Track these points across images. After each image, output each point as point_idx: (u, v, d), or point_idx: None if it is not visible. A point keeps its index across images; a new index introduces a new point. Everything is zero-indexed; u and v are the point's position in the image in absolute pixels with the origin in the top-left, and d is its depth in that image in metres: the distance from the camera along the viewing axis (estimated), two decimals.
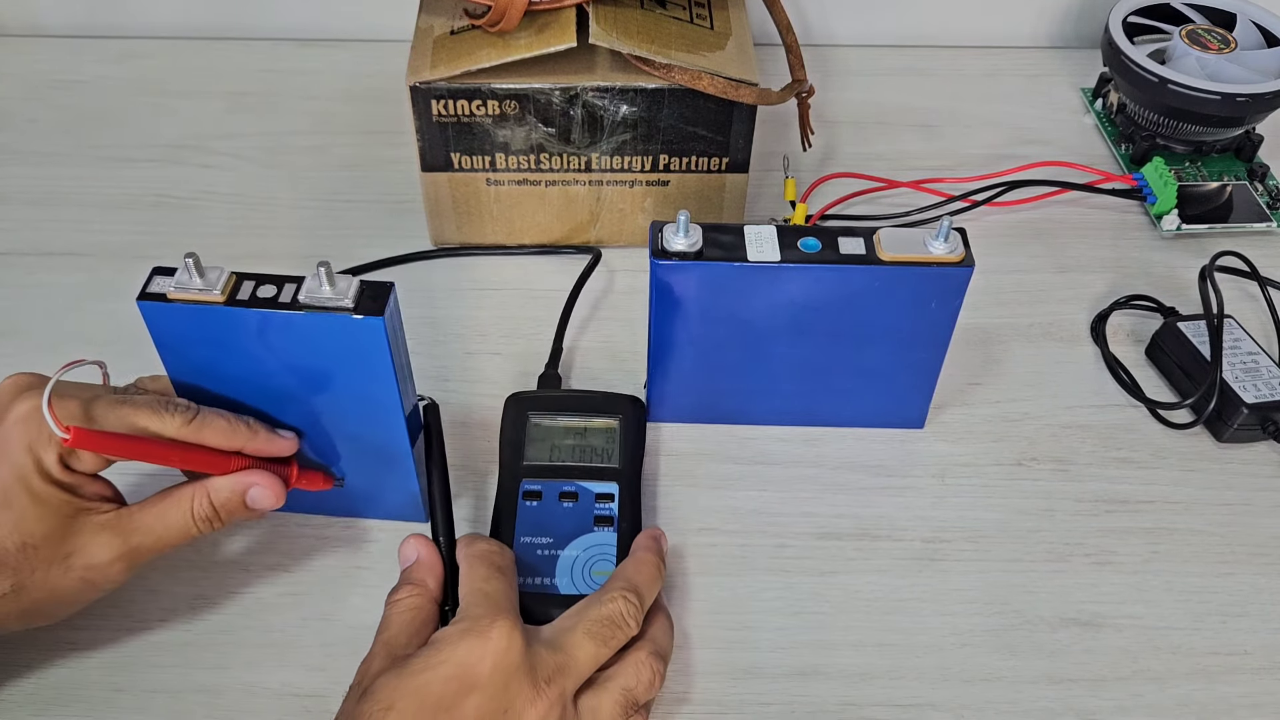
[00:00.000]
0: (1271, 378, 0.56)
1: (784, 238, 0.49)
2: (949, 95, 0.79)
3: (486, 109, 0.58)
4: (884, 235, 0.49)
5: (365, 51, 0.81)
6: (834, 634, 0.49)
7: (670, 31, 0.59)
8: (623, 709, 0.42)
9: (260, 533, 0.51)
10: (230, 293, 0.42)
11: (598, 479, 0.51)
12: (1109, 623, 0.49)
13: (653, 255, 0.49)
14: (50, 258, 0.65)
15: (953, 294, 0.49)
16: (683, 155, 0.61)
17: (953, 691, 0.47)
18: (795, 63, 0.64)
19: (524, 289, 0.63)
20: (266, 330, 0.43)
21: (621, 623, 0.42)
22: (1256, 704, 0.47)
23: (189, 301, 0.42)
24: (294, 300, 0.42)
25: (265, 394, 0.45)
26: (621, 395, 0.55)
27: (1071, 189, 0.70)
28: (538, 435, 0.53)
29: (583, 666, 0.41)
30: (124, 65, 0.80)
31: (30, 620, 0.43)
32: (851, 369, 0.53)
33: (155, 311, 0.43)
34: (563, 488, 0.51)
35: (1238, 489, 0.55)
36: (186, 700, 0.46)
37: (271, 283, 0.43)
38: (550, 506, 0.50)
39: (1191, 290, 0.62)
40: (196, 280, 0.42)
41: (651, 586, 0.45)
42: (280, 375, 0.44)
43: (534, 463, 0.52)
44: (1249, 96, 0.66)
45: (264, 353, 0.43)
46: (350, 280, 0.42)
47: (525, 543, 0.49)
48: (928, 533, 0.52)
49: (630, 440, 0.53)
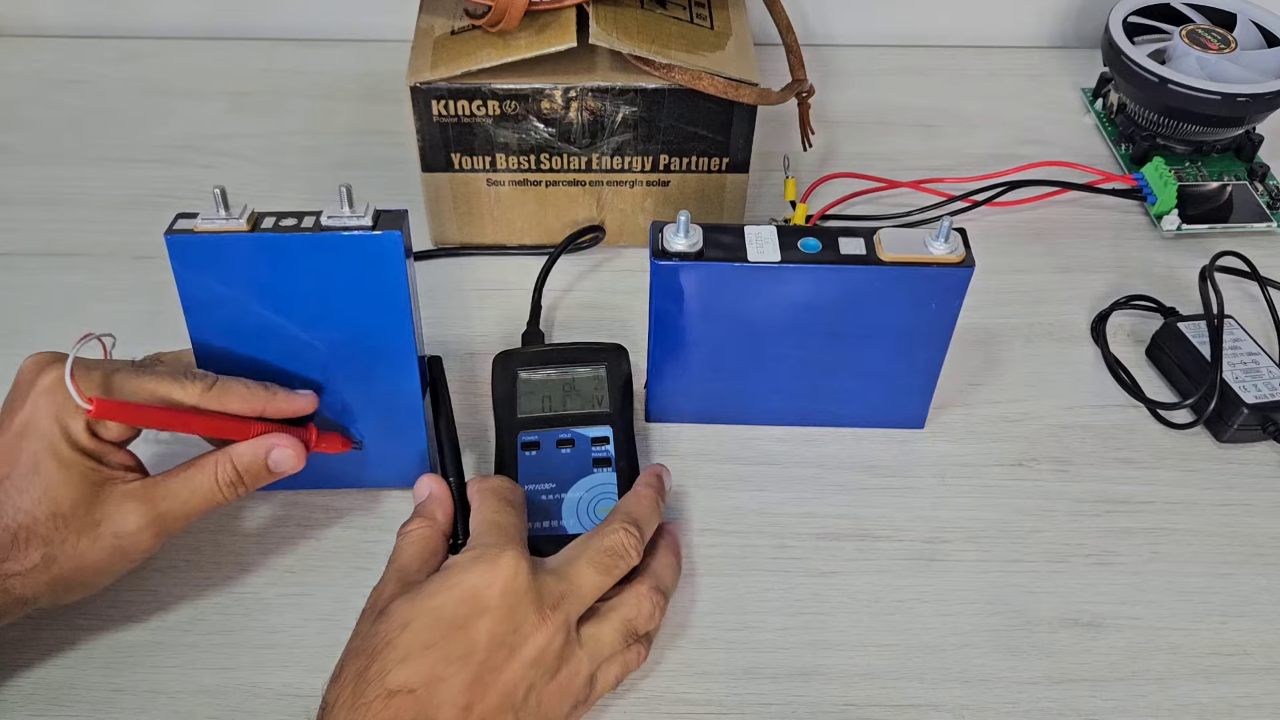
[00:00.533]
0: (1272, 378, 0.56)
1: (784, 238, 0.49)
2: (949, 95, 0.79)
3: (487, 109, 0.58)
4: (884, 235, 0.49)
5: (365, 51, 0.81)
6: (834, 634, 0.49)
7: (670, 31, 0.59)
8: (623, 637, 0.44)
9: (261, 533, 0.52)
10: (254, 223, 0.45)
11: (592, 424, 0.53)
12: (1109, 623, 0.49)
13: (653, 255, 0.49)
14: (51, 258, 0.65)
15: (953, 294, 0.49)
16: (683, 155, 0.61)
17: (953, 692, 0.47)
18: (795, 63, 0.64)
19: (525, 289, 0.63)
20: (288, 255, 0.45)
21: (623, 553, 0.44)
22: (1257, 704, 0.47)
23: (215, 232, 0.44)
24: (317, 224, 0.45)
25: (284, 332, 0.47)
26: (605, 344, 0.57)
27: (1072, 189, 0.70)
28: (529, 389, 0.55)
29: (586, 594, 0.43)
30: (124, 65, 0.80)
31: (60, 594, 0.43)
32: (852, 369, 0.53)
33: (182, 246, 0.44)
34: (559, 435, 0.52)
35: (1238, 489, 0.55)
36: (188, 701, 0.46)
37: (292, 215, 0.45)
38: (549, 454, 0.52)
39: (1192, 290, 0.63)
40: (222, 213, 0.44)
41: (651, 519, 0.47)
42: (299, 309, 0.46)
43: (529, 415, 0.53)
44: (1249, 96, 0.66)
45: (284, 284, 0.45)
46: (367, 204, 0.45)
47: (529, 490, 0.50)
48: (928, 533, 0.52)
49: (618, 385, 0.55)
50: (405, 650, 0.39)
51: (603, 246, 0.66)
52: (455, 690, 0.39)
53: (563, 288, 0.63)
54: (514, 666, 0.40)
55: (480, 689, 0.39)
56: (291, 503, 0.53)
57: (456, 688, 0.39)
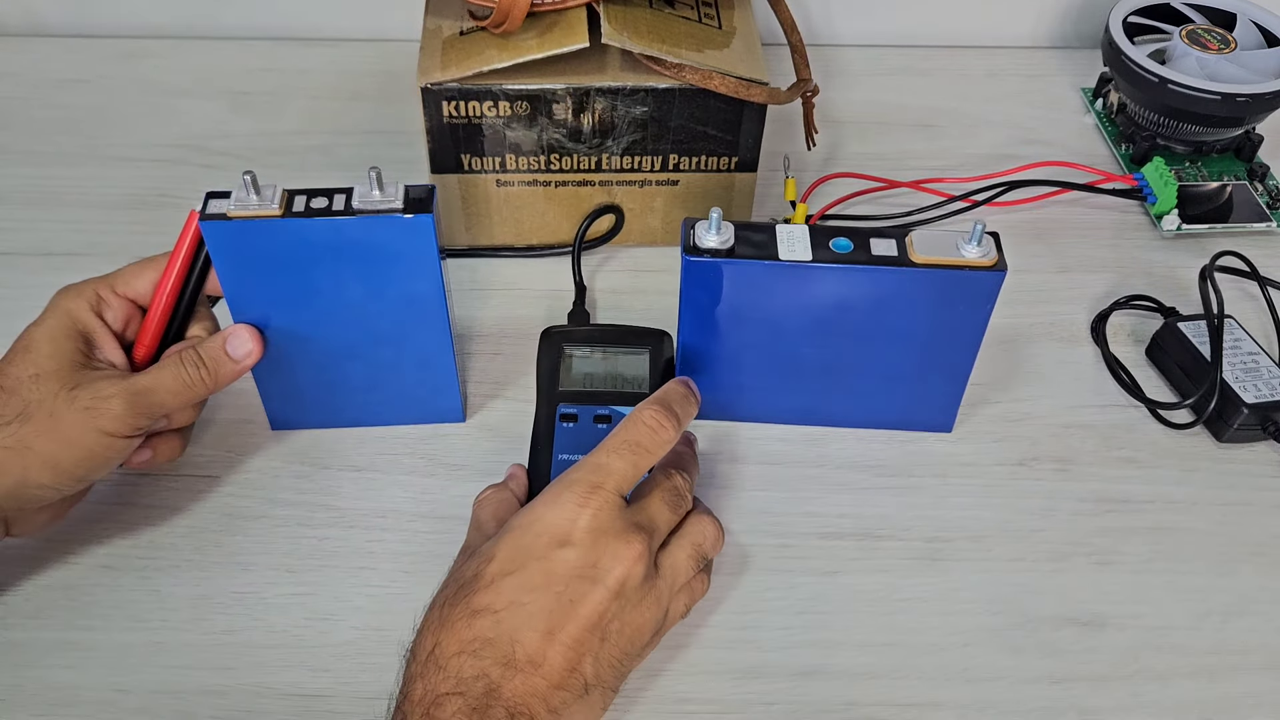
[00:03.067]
0: (1271, 378, 0.56)
1: (815, 237, 0.49)
2: (949, 95, 0.79)
3: (498, 110, 0.58)
4: (917, 237, 0.49)
5: (366, 51, 0.81)
6: (837, 634, 0.49)
7: (680, 31, 0.59)
8: (695, 562, 0.45)
9: (262, 533, 0.52)
10: (286, 206, 0.46)
11: (630, 404, 0.52)
12: (1110, 622, 0.49)
13: (685, 252, 0.49)
14: (51, 258, 0.65)
15: (984, 298, 0.49)
16: (692, 155, 0.61)
17: (955, 691, 0.47)
18: (800, 62, 0.64)
19: (529, 289, 0.63)
20: (323, 238, 0.46)
21: (683, 491, 0.47)
22: (1258, 703, 0.47)
23: (248, 218, 0.45)
24: (347, 206, 0.46)
25: (321, 304, 0.49)
26: (651, 329, 0.58)
27: (1072, 189, 0.70)
28: (572, 365, 0.57)
29: (661, 528, 0.45)
30: (124, 65, 0.80)
31: (29, 471, 0.44)
32: (879, 371, 0.53)
33: (217, 231, 0.46)
34: (597, 411, 0.54)
35: (1238, 489, 0.55)
36: (191, 701, 0.46)
37: (322, 195, 0.46)
38: (585, 427, 0.53)
39: (1191, 290, 0.63)
40: (253, 197, 0.45)
41: (693, 464, 0.50)
42: (335, 283, 0.48)
43: (570, 389, 0.55)
44: (1249, 96, 0.66)
45: (320, 262, 0.47)
46: (396, 184, 0.46)
47: (563, 459, 0.52)
48: (930, 532, 0.53)
49: (660, 369, 0.56)
50: (490, 578, 0.41)
51: (610, 245, 0.66)
52: (535, 616, 0.40)
53: (570, 287, 0.63)
54: (596, 597, 0.41)
55: (561, 617, 0.40)
56: (292, 503, 0.53)
57: (536, 614, 0.40)
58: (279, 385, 0.53)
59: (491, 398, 0.58)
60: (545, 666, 0.39)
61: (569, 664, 0.40)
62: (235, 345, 0.48)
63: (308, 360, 0.52)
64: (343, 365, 0.52)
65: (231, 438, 0.55)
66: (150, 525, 0.52)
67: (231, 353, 0.48)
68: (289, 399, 0.54)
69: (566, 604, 0.41)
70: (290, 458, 0.55)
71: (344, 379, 0.53)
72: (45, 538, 0.50)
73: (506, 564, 0.41)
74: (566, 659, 0.40)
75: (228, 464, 0.54)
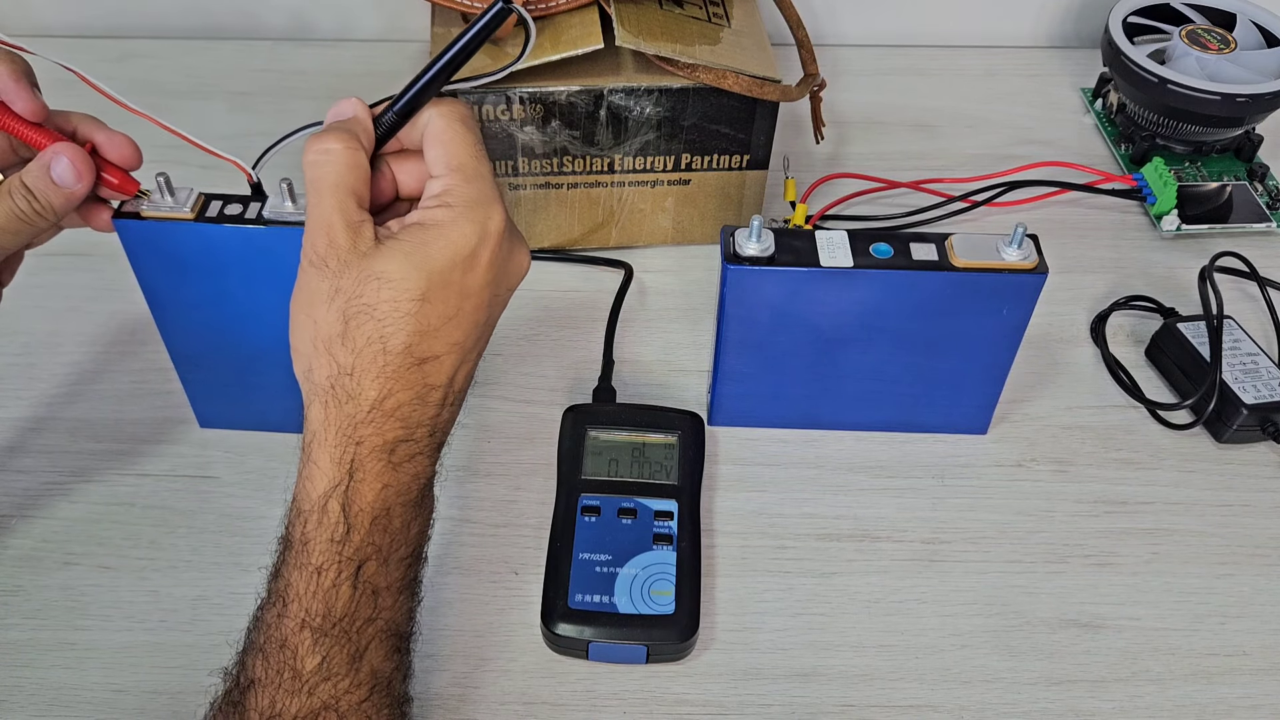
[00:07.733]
0: (1271, 378, 0.56)
1: (855, 243, 0.49)
2: (949, 95, 0.79)
3: (511, 113, 0.58)
4: (957, 241, 0.49)
5: (366, 51, 0.81)
6: (834, 635, 0.49)
7: (692, 31, 0.59)
8: None
9: (261, 534, 0.52)
10: (199, 210, 0.45)
11: (657, 496, 0.51)
12: (1109, 624, 0.49)
13: (726, 260, 0.48)
14: (50, 258, 0.65)
15: (1025, 301, 0.49)
16: (705, 154, 0.62)
17: (952, 693, 0.47)
18: (807, 58, 0.64)
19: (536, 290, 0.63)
20: (234, 245, 0.46)
21: None
22: (1255, 705, 0.47)
23: (161, 219, 0.45)
24: (259, 216, 0.45)
25: (235, 308, 0.48)
26: (681, 411, 0.55)
27: (1071, 189, 0.70)
28: (596, 449, 0.53)
29: None
30: (124, 65, 0.80)
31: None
32: (917, 375, 0.53)
33: (129, 229, 0.46)
34: (622, 504, 0.50)
35: (1238, 489, 0.55)
36: (188, 702, 0.45)
37: (238, 202, 0.46)
38: (609, 522, 0.50)
39: (1191, 291, 0.63)
40: (168, 199, 0.45)
41: None
42: (248, 289, 0.47)
43: (592, 477, 0.52)
44: (1249, 96, 0.66)
45: (232, 267, 0.47)
46: None
47: (584, 559, 0.49)
48: (927, 534, 0.53)
49: (690, 457, 0.53)
50: (427, 323, 0.40)
51: (623, 247, 0.66)
52: (470, 343, 0.42)
53: (577, 287, 0.63)
54: (501, 301, 0.44)
55: (478, 332, 0.42)
56: None
57: (471, 343, 0.42)
58: (202, 384, 0.53)
59: (510, 400, 0.58)
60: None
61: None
62: (61, 173, 0.44)
63: (227, 362, 0.51)
64: (264, 369, 0.50)
65: (230, 438, 0.55)
66: (149, 525, 0.52)
67: (56, 180, 0.44)
68: (214, 398, 0.54)
69: (484, 319, 0.43)
70: (289, 459, 0.55)
71: (269, 382, 0.51)
72: (45, 538, 0.50)
73: (440, 305, 0.41)
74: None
75: (227, 464, 0.54)
